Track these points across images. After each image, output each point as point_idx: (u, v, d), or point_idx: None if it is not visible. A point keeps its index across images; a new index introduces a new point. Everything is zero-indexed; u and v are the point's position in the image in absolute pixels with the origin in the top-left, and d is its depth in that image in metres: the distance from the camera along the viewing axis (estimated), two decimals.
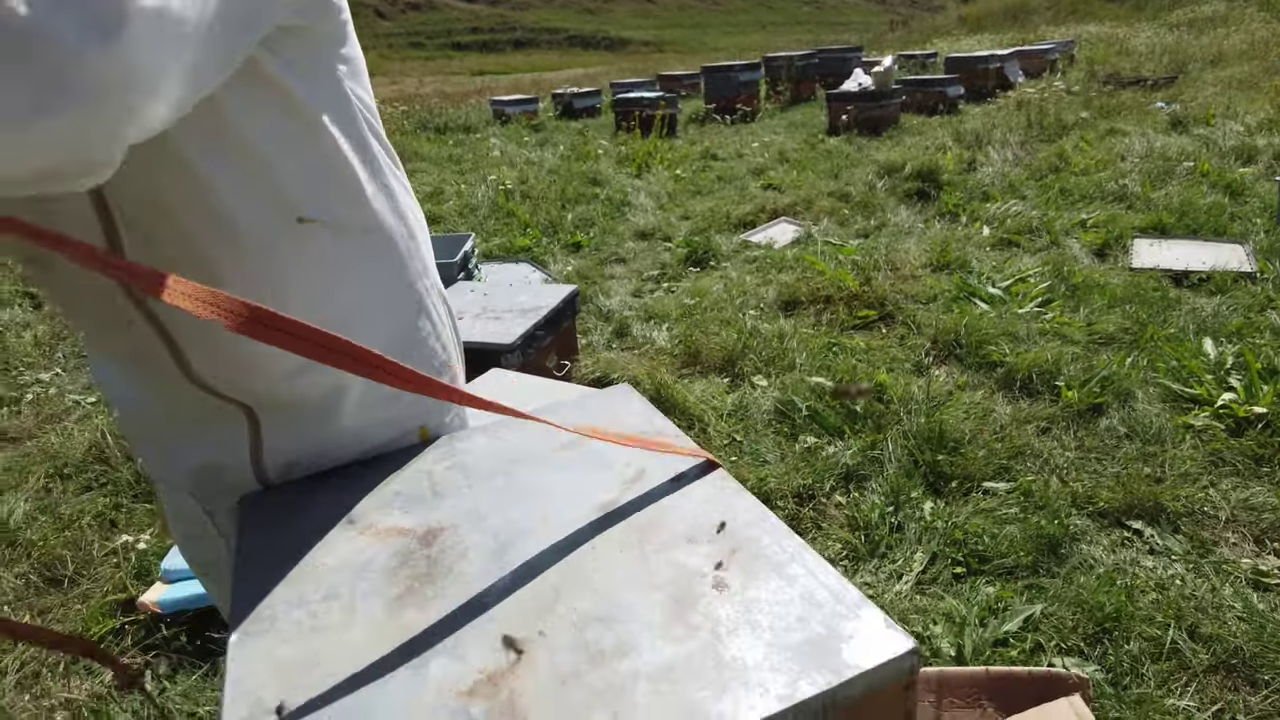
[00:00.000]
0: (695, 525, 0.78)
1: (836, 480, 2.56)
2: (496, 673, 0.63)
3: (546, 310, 2.99)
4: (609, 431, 0.92)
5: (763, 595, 0.68)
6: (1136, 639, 1.87)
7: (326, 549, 0.82)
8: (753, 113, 11.26)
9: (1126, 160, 6.20)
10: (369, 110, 0.90)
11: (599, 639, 0.65)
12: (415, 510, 0.87)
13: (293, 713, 0.62)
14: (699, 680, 0.60)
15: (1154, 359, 3.09)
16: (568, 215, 6.17)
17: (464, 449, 1.00)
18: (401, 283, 0.97)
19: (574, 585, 0.72)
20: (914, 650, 0.63)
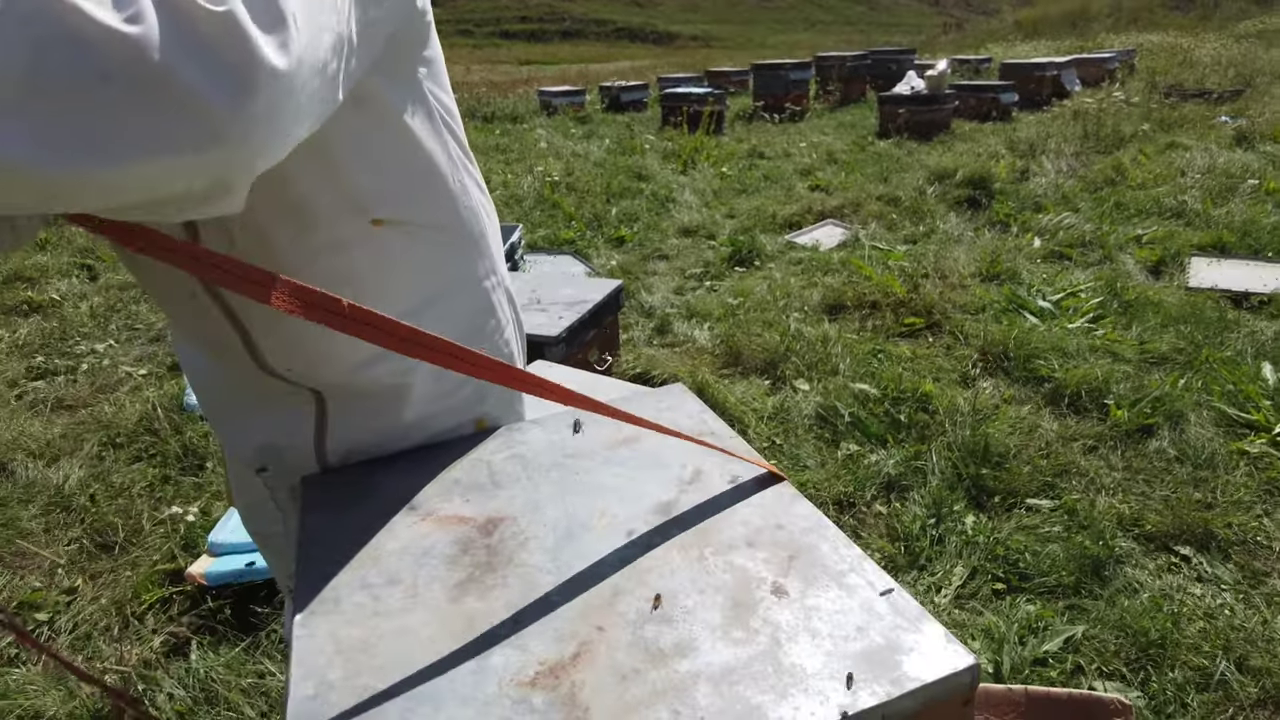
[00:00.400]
0: (754, 530, 0.79)
1: (878, 489, 2.54)
2: (558, 665, 0.64)
3: (592, 304, 3.01)
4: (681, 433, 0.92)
5: (822, 603, 0.68)
6: (1182, 667, 1.84)
7: (389, 534, 0.84)
8: (802, 112, 11.17)
9: (1187, 175, 6.04)
10: (446, 111, 0.91)
11: (658, 638, 0.66)
12: (475, 499, 0.89)
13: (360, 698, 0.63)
14: (759, 684, 0.60)
15: (1209, 381, 3.01)
16: (612, 209, 6.18)
17: (522, 440, 1.01)
18: (469, 280, 0.99)
19: (632, 583, 0.73)
20: (974, 666, 0.62)
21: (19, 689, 1.84)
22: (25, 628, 2.07)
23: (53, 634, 2.04)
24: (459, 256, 0.97)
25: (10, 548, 2.39)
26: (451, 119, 0.92)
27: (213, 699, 1.78)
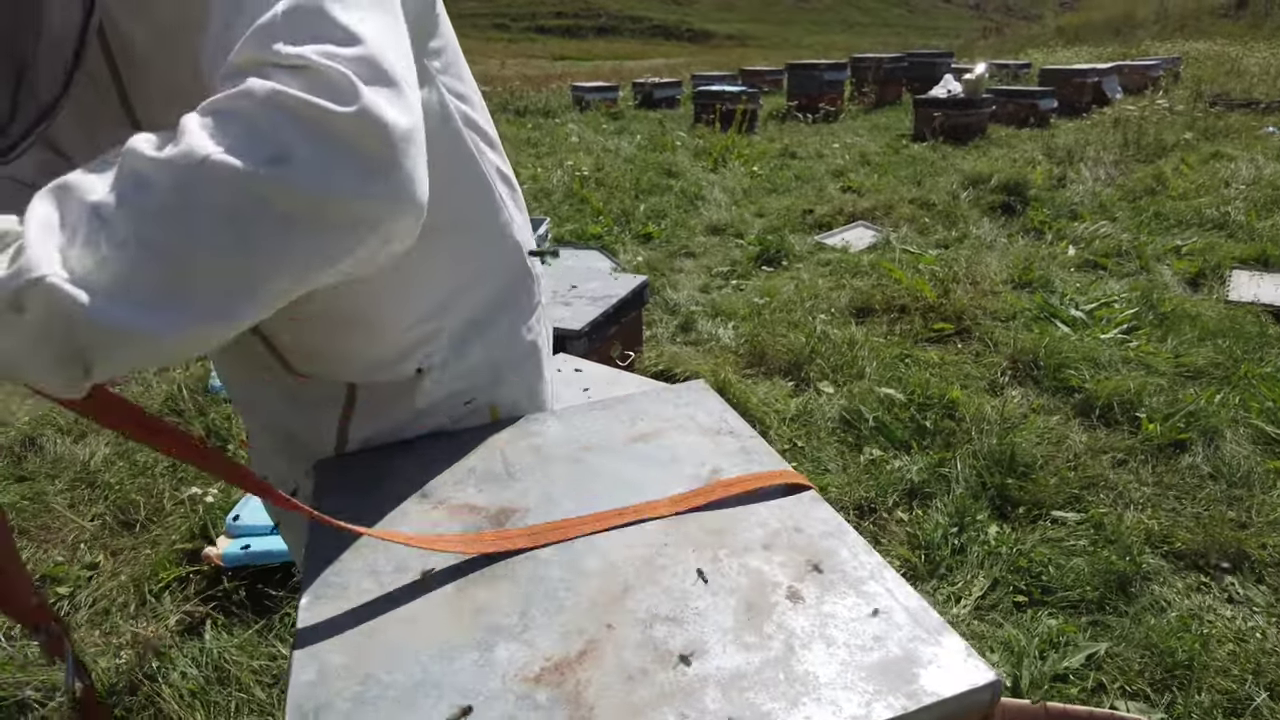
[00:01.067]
0: (772, 532, 0.76)
1: (900, 496, 2.50)
2: (564, 661, 0.62)
3: (616, 299, 2.99)
4: (729, 471, 0.90)
5: (839, 611, 0.66)
6: (1209, 690, 1.78)
7: (400, 520, 0.83)
8: (836, 113, 11.07)
9: (1231, 186, 5.90)
10: (463, 100, 0.89)
11: (668, 639, 0.64)
12: (489, 489, 0.87)
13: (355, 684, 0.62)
14: (770, 691, 0.58)
15: (1247, 397, 2.93)
16: (641, 205, 6.17)
17: (538, 431, 0.99)
18: (493, 270, 0.98)
19: (644, 581, 0.71)
20: (995, 683, 0.60)
21: (37, 661, 1.86)
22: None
23: (73, 608, 2.07)
24: (482, 249, 0.95)
25: (36, 521, 2.43)
26: (470, 107, 0.90)
27: (224, 679, 1.79)
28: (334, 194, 0.54)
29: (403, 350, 0.94)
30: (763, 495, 0.83)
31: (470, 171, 0.91)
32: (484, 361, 1.00)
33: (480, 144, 0.92)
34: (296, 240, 0.54)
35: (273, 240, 0.53)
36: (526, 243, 1.03)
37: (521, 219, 1.02)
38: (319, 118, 0.53)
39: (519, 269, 1.01)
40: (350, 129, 0.53)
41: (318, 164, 0.53)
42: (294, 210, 0.53)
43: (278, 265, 0.54)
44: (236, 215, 0.52)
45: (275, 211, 0.52)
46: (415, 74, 0.63)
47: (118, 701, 1.77)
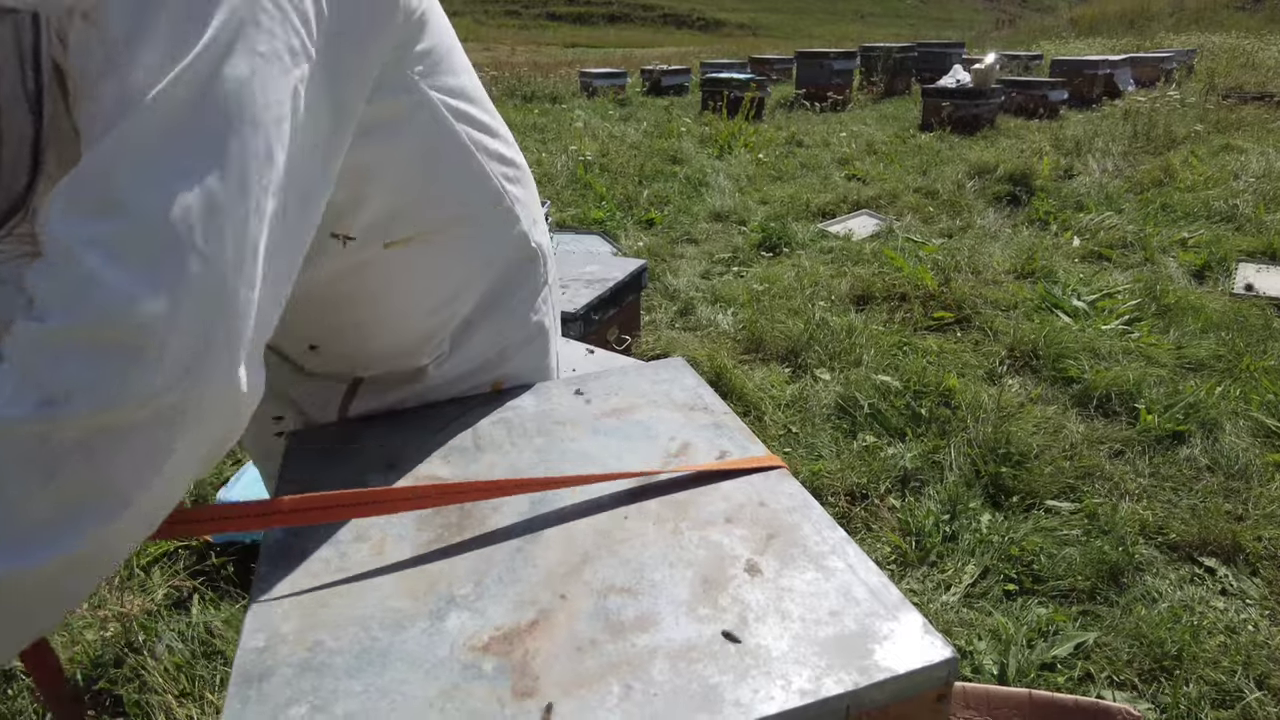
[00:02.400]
0: (736, 506, 0.75)
1: (892, 482, 2.48)
2: (513, 631, 0.62)
3: (613, 283, 2.97)
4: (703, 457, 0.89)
5: (797, 584, 0.64)
6: (1198, 681, 1.77)
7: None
8: (844, 102, 11.00)
9: (1240, 179, 5.83)
10: (457, 96, 0.87)
11: (621, 610, 0.63)
12: (456, 461, 0.86)
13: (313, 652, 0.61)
14: (719, 664, 0.57)
15: (1248, 391, 2.90)
16: (644, 191, 6.14)
17: (512, 405, 0.98)
18: (496, 259, 0.97)
19: (602, 553, 0.70)
20: (951, 660, 0.59)
21: None
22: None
23: None
24: (484, 239, 0.94)
25: None
26: (465, 100, 0.89)
27: (210, 653, 1.80)
28: (106, 406, 0.52)
29: (409, 347, 0.95)
30: (729, 459, 0.82)
31: (465, 167, 0.89)
32: (490, 345, 1.00)
33: (475, 134, 0.90)
34: (105, 457, 0.53)
35: (81, 466, 0.53)
36: (536, 222, 1.02)
37: (528, 199, 1.01)
38: (58, 338, 0.52)
39: (525, 251, 1.00)
40: (89, 336, 0.51)
41: (78, 385, 0.51)
42: (80, 435, 0.52)
43: (111, 483, 0.54)
44: (31, 461, 0.52)
45: (65, 443, 0.52)
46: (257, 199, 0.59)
47: (103, 673, 1.77)
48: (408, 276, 0.89)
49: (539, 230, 1.02)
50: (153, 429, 0.54)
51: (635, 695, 0.54)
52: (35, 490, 0.52)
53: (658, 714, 0.53)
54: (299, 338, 0.94)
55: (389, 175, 0.82)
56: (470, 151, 0.89)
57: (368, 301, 0.89)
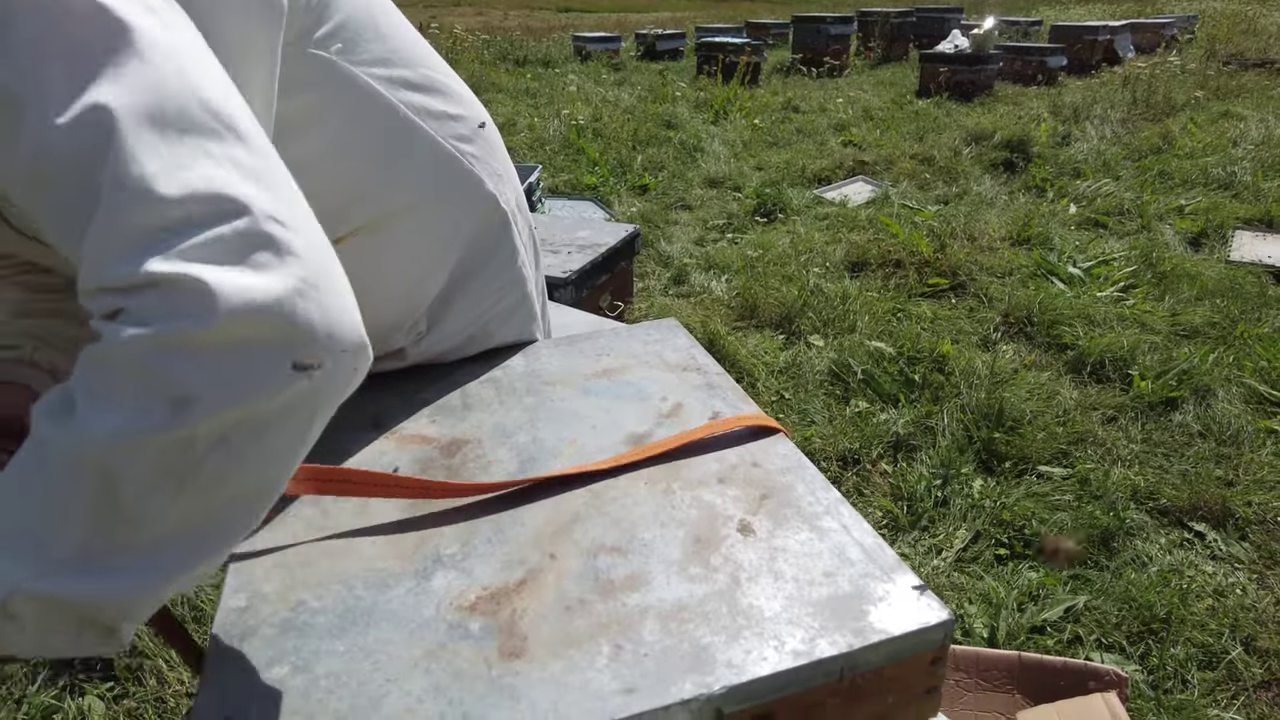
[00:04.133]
0: (729, 466, 0.74)
1: (885, 448, 2.48)
2: (501, 590, 0.60)
3: (605, 248, 2.94)
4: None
5: (790, 545, 0.63)
6: (1185, 644, 1.78)
7: (348, 449, 0.80)
8: (841, 67, 10.85)
9: (1239, 146, 5.79)
10: (385, 62, 0.83)
11: (611, 569, 0.62)
12: (443, 420, 0.84)
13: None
14: (711, 624, 0.56)
15: (1241, 357, 2.90)
16: (638, 157, 6.06)
17: (501, 365, 0.96)
18: (461, 229, 0.92)
19: (592, 513, 0.68)
20: (948, 622, 0.58)
21: None
22: None
23: None
24: (447, 212, 0.90)
25: None
26: (400, 65, 0.84)
27: (200, 618, 1.79)
28: (251, 397, 0.49)
29: (382, 334, 0.92)
30: (724, 428, 0.80)
31: (409, 139, 0.85)
32: (471, 318, 0.96)
33: (416, 98, 0.85)
34: (243, 453, 0.50)
35: (220, 467, 0.49)
36: (502, 177, 0.97)
37: (488, 154, 0.95)
38: (189, 343, 0.47)
39: (494, 214, 0.96)
40: (225, 338, 0.48)
41: (217, 384, 0.48)
42: (222, 432, 0.49)
43: (243, 481, 0.51)
44: (169, 471, 0.48)
45: (205, 446, 0.48)
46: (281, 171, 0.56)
47: None
48: (369, 268, 0.84)
49: (507, 185, 0.97)
50: (296, 410, 0.51)
51: (625, 655, 0.53)
52: (176, 503, 0.50)
53: (648, 674, 0.52)
54: None
55: (324, 168, 0.78)
56: (413, 122, 0.84)
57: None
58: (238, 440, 0.49)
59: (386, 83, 0.82)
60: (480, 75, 9.75)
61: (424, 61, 0.88)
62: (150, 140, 0.48)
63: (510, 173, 1.00)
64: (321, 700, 0.52)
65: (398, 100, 0.83)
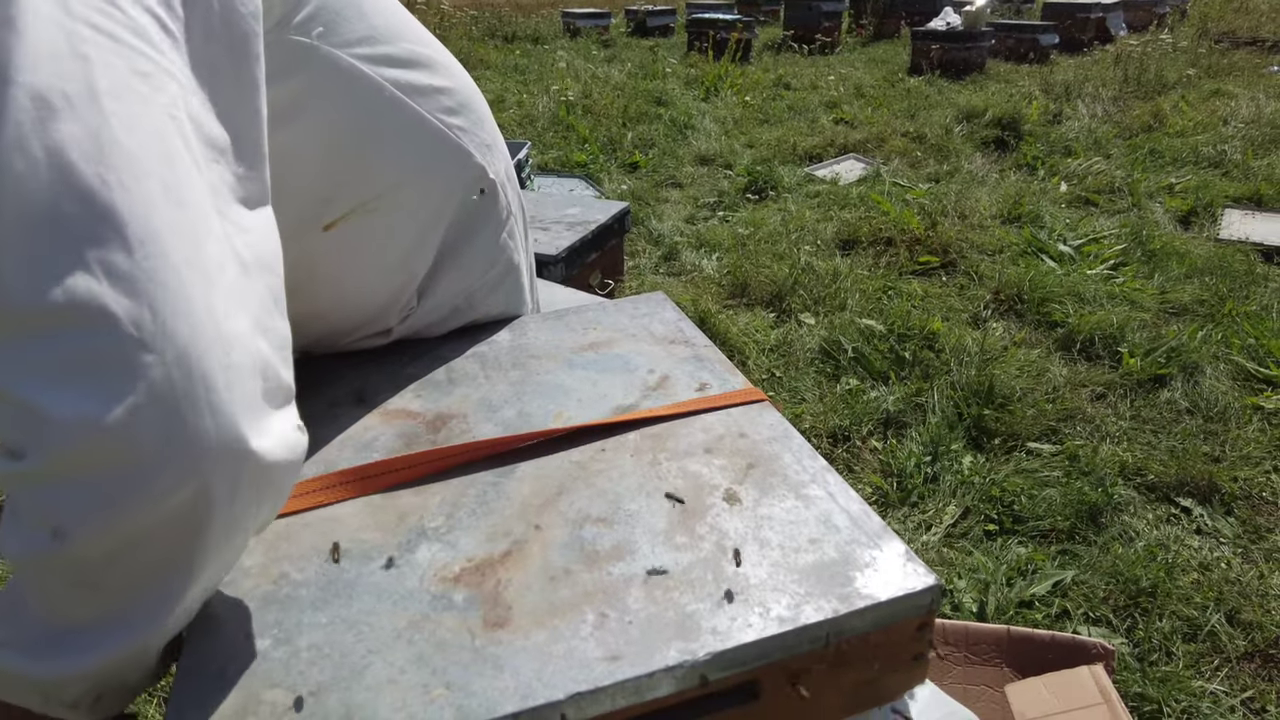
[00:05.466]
0: (715, 437, 0.73)
1: (875, 425, 2.49)
2: (485, 562, 0.60)
3: (595, 225, 2.92)
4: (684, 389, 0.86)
5: (776, 513, 0.63)
6: (1170, 617, 1.80)
7: (332, 425, 0.79)
8: (832, 45, 10.77)
9: (1229, 125, 5.78)
10: (369, 41, 0.80)
11: (596, 539, 0.61)
12: (427, 395, 0.84)
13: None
14: (695, 592, 0.55)
15: (1229, 335, 2.91)
16: (628, 134, 6.02)
17: (486, 339, 0.95)
18: (449, 201, 0.91)
19: (578, 485, 0.68)
20: (934, 587, 0.57)
21: None
22: None
23: None
24: (434, 188, 0.89)
25: None
26: (383, 43, 0.82)
27: None
28: (117, 521, 0.47)
29: (374, 315, 0.91)
30: (711, 400, 0.80)
31: (396, 118, 0.83)
32: (456, 290, 0.95)
33: (402, 75, 0.84)
34: (136, 565, 0.49)
35: (123, 576, 0.50)
36: (489, 148, 0.95)
37: (474, 125, 0.94)
38: (36, 477, 0.46)
39: (481, 185, 0.94)
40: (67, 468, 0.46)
41: (78, 512, 0.47)
42: (108, 549, 0.48)
43: (149, 583, 0.51)
44: (78, 581, 0.50)
45: (99, 561, 0.48)
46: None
47: None
48: (362, 250, 0.84)
49: (494, 157, 0.95)
50: (173, 527, 0.49)
51: (610, 623, 0.53)
52: (81, 600, 0.51)
53: (633, 641, 0.51)
54: None
55: (311, 154, 0.76)
56: (398, 99, 0.83)
57: (324, 286, 0.84)
58: (127, 556, 0.49)
59: (369, 61, 0.80)
60: (469, 51, 9.64)
61: (407, 36, 0.87)
62: (17, 238, 0.45)
63: (499, 143, 0.98)
64: (303, 672, 0.52)
65: (382, 78, 0.81)
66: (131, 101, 0.49)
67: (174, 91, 0.52)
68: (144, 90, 0.50)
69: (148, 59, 0.51)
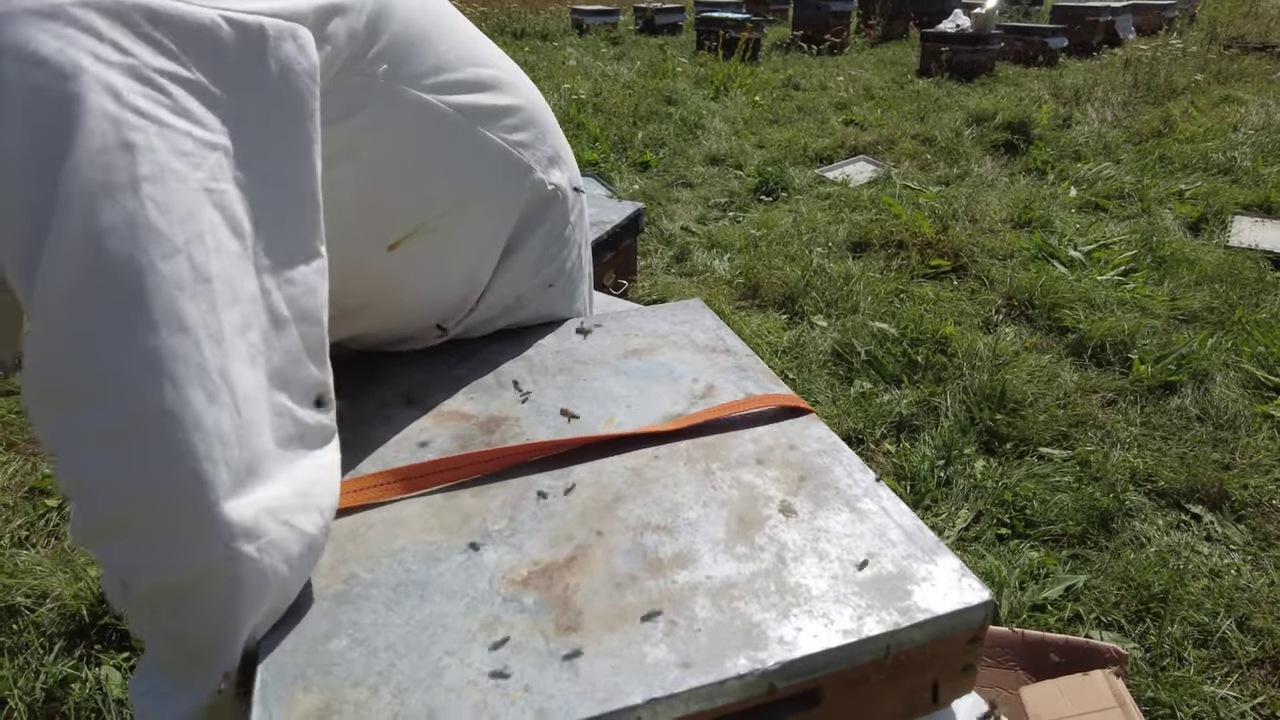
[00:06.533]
0: (765, 448, 0.75)
1: (888, 428, 2.51)
2: (552, 565, 0.62)
3: (610, 226, 2.94)
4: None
5: (832, 526, 0.65)
6: (1181, 623, 1.82)
7: (386, 425, 0.81)
8: (841, 45, 10.77)
9: (1239, 131, 5.79)
10: (437, 70, 0.82)
11: (658, 547, 0.63)
12: (479, 398, 0.86)
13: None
14: (760, 601, 0.57)
15: (1240, 342, 2.93)
16: (638, 133, 6.03)
17: (531, 343, 0.97)
18: (500, 224, 0.93)
19: (635, 492, 0.70)
20: (988, 603, 0.59)
21: (27, 569, 1.87)
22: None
23: (62, 519, 2.07)
24: (496, 202, 0.91)
25: (25, 435, 2.41)
26: (451, 70, 0.83)
27: None
28: (159, 575, 0.54)
29: (438, 320, 0.94)
30: (760, 419, 0.82)
31: (461, 143, 0.85)
32: (509, 292, 0.97)
33: (467, 100, 0.85)
34: (190, 615, 0.56)
35: (176, 626, 0.56)
36: (553, 160, 0.96)
37: (537, 139, 0.95)
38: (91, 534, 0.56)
39: (541, 194, 0.95)
40: (103, 528, 0.55)
41: (131, 565, 0.55)
42: (160, 601, 0.55)
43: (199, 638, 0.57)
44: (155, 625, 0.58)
45: (163, 609, 0.56)
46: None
47: (107, 610, 1.78)
48: (425, 268, 0.87)
49: (558, 167, 0.97)
50: (207, 582, 0.55)
51: (680, 630, 0.55)
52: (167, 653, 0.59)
53: (702, 649, 0.53)
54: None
55: (374, 183, 0.79)
56: (462, 124, 0.84)
57: (391, 302, 0.88)
58: (174, 608, 0.55)
59: (435, 90, 0.81)
60: None
61: (473, 59, 0.88)
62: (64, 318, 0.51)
63: (563, 152, 1.00)
64: (383, 673, 0.54)
65: (446, 105, 0.83)
66: (169, 183, 0.53)
67: (214, 163, 0.56)
68: (182, 169, 0.54)
69: (189, 137, 0.55)
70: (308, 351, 0.62)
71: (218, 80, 0.57)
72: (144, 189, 0.52)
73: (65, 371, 0.51)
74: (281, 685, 0.54)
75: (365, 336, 0.94)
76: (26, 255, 0.51)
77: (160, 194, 0.52)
